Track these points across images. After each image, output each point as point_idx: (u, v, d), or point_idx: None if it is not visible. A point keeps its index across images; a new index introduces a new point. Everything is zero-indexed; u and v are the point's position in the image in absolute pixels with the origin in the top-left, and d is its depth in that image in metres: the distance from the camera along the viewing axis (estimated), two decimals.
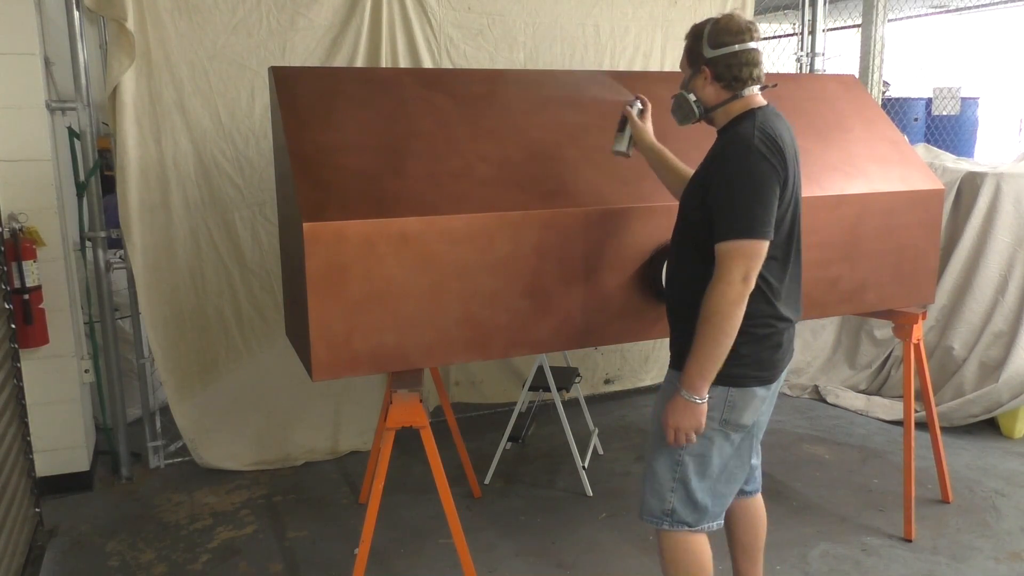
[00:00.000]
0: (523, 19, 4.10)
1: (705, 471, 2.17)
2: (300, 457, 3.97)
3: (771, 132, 2.04)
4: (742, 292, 1.96)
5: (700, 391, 2.03)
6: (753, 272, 1.98)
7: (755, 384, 2.13)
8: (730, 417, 2.13)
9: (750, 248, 1.97)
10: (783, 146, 2.04)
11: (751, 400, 2.14)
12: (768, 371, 2.15)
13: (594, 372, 4.72)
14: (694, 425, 2.06)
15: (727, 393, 2.11)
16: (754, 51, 2.11)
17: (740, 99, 2.13)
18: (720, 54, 2.10)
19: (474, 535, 3.14)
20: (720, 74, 2.11)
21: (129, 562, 3.10)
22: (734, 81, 2.11)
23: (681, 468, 2.16)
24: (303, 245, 2.22)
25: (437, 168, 2.49)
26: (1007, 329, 4.30)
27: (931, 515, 3.39)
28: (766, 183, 1.98)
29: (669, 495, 2.19)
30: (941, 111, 5.88)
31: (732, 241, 1.97)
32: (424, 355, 2.43)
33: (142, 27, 3.40)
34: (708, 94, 2.16)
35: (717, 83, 2.13)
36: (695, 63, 2.17)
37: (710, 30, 2.12)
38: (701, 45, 2.13)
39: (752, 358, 2.10)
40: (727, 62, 2.10)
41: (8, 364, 3.00)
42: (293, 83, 2.57)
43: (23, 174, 3.38)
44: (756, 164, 1.98)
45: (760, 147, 1.99)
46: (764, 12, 5.58)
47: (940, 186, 3.17)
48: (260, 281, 3.79)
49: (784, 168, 2.02)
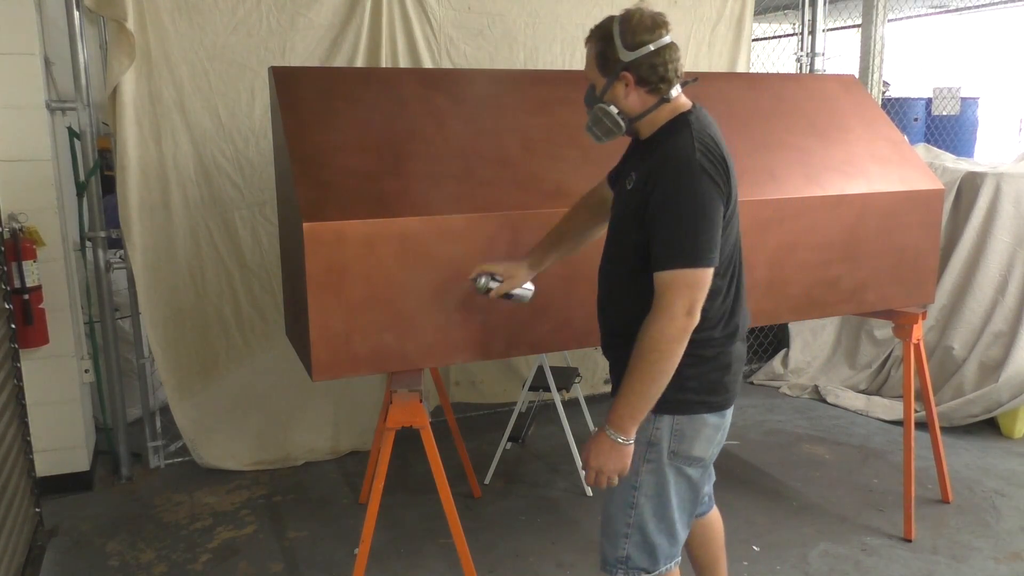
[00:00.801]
0: (523, 19, 4.10)
1: (663, 513, 1.97)
2: (300, 457, 3.96)
3: (711, 142, 1.84)
4: (685, 327, 1.76)
5: (628, 432, 1.83)
6: (698, 304, 1.77)
7: (704, 411, 1.92)
8: (679, 448, 1.93)
9: (694, 278, 1.77)
10: (725, 156, 1.86)
11: (701, 429, 1.93)
12: (719, 396, 1.94)
13: (594, 372, 4.72)
14: (619, 468, 1.85)
15: (672, 422, 1.91)
16: (673, 46, 1.88)
17: (667, 103, 1.90)
18: (641, 55, 1.85)
19: (474, 535, 3.14)
20: (644, 77, 1.86)
21: (129, 562, 3.10)
22: (661, 83, 1.87)
23: (637, 512, 1.96)
24: (303, 245, 2.22)
25: (437, 168, 2.49)
26: (1007, 329, 4.30)
27: (931, 515, 3.39)
28: (710, 204, 1.77)
29: (623, 541, 1.99)
30: (941, 111, 5.88)
31: (674, 271, 1.76)
32: (424, 355, 2.43)
33: (142, 27, 3.40)
34: (632, 102, 1.90)
35: (641, 88, 1.88)
36: (610, 69, 1.89)
37: (622, 30, 1.86)
38: (614, 48, 1.87)
39: (698, 381, 1.90)
40: (650, 62, 1.85)
41: (8, 364, 3.00)
42: (293, 83, 2.58)
43: (23, 174, 3.38)
44: (699, 183, 1.77)
45: (702, 162, 1.79)
46: (764, 12, 5.58)
47: (940, 186, 3.17)
48: (260, 281, 3.79)
49: (727, 183, 1.83)
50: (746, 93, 3.20)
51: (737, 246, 1.94)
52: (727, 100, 3.11)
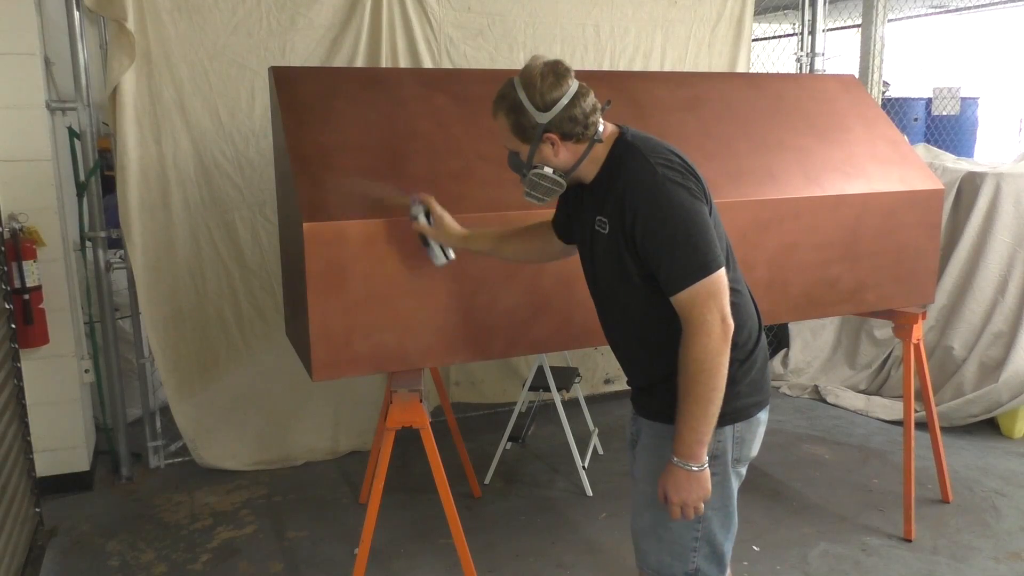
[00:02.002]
0: (523, 19, 4.10)
1: (728, 521, 1.95)
2: (300, 457, 3.96)
3: (663, 153, 1.81)
4: (724, 335, 1.73)
5: (699, 457, 1.77)
6: (727, 307, 1.74)
7: (758, 411, 1.94)
8: (740, 454, 1.93)
9: (713, 285, 1.73)
10: (681, 158, 1.83)
11: (756, 428, 1.96)
12: (764, 392, 1.97)
13: (594, 372, 4.72)
14: (702, 496, 1.80)
15: (733, 431, 1.90)
16: (583, 88, 1.83)
17: (599, 142, 1.86)
18: (557, 113, 1.80)
19: (474, 535, 3.14)
20: (568, 132, 1.82)
21: (129, 562, 3.10)
22: (586, 130, 1.83)
23: (705, 525, 1.91)
24: (303, 245, 2.22)
25: (437, 168, 2.49)
26: (1007, 329, 4.30)
27: (931, 515, 3.39)
28: (693, 210, 1.75)
29: (692, 555, 1.92)
30: (941, 111, 5.87)
31: (692, 287, 1.73)
32: (424, 355, 2.43)
33: (142, 27, 3.40)
34: (564, 158, 1.86)
35: (568, 142, 1.84)
36: (530, 136, 1.84)
37: (528, 95, 1.81)
38: (528, 115, 1.82)
39: (746, 385, 1.90)
40: (569, 116, 1.81)
41: (8, 364, 3.00)
42: (293, 83, 2.58)
43: (23, 174, 3.38)
44: (675, 196, 1.75)
45: (667, 175, 1.76)
46: (764, 12, 5.58)
47: (940, 186, 3.17)
48: (260, 281, 3.79)
49: (700, 184, 1.81)
50: (746, 93, 3.20)
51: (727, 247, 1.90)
52: (727, 100, 3.11)
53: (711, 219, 1.81)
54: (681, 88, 3.08)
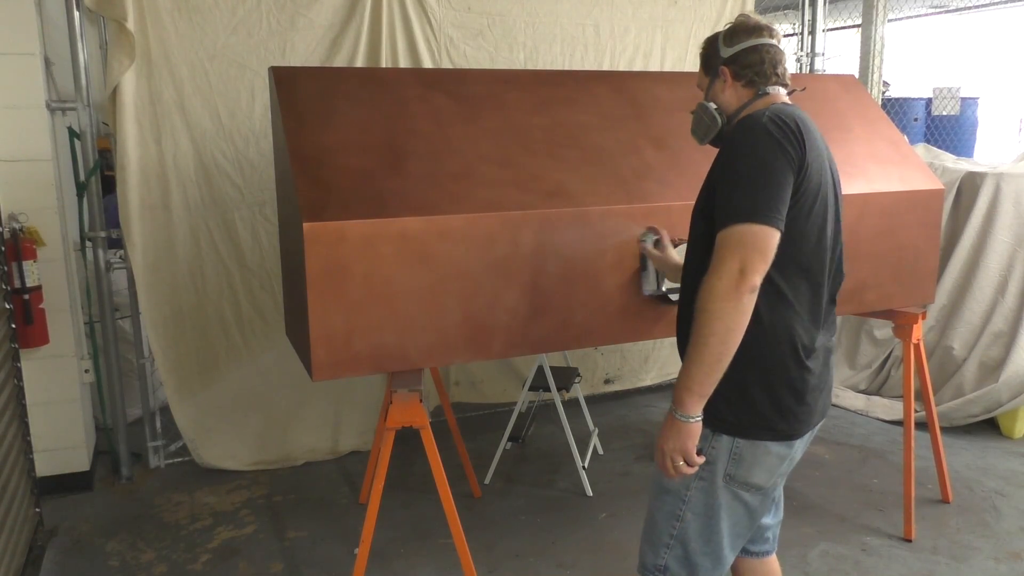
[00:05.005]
0: (523, 19, 4.10)
1: (710, 535, 1.84)
2: (300, 457, 3.96)
3: (788, 116, 1.75)
4: (736, 285, 1.59)
5: (687, 407, 1.68)
6: (753, 264, 1.60)
7: (768, 437, 1.77)
8: (736, 473, 1.79)
9: (750, 235, 1.61)
10: (804, 131, 1.74)
11: (763, 457, 1.78)
12: (787, 422, 1.76)
13: (594, 372, 4.72)
14: (680, 448, 1.70)
15: (732, 444, 1.78)
16: (774, 47, 1.89)
17: (764, 97, 1.87)
18: (738, 50, 1.88)
19: (474, 535, 3.14)
20: (739, 72, 1.89)
21: (129, 562, 3.10)
22: (756, 77, 1.87)
23: (682, 526, 1.85)
24: (303, 245, 2.22)
25: (437, 168, 2.49)
26: (1007, 329, 4.30)
27: (931, 515, 3.39)
28: (774, 165, 1.67)
29: (664, 551, 1.88)
30: (941, 111, 5.88)
31: (729, 228, 1.63)
32: (424, 355, 2.43)
33: (142, 27, 3.40)
34: (728, 98, 1.92)
35: (737, 83, 1.90)
36: (712, 68, 1.95)
37: (725, 32, 1.93)
38: (717, 47, 1.93)
39: (765, 405, 1.75)
40: (746, 58, 1.88)
41: (8, 364, 3.00)
42: (293, 83, 2.58)
43: (23, 174, 3.38)
44: (762, 143, 1.69)
45: (769, 126, 1.70)
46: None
47: (940, 186, 3.17)
48: (260, 281, 3.79)
49: (800, 154, 1.70)
50: None
51: (815, 249, 1.77)
52: None
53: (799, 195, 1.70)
54: (681, 88, 3.08)
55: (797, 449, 1.84)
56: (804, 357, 1.77)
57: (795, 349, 1.76)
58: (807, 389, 1.78)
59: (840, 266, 1.89)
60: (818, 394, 1.83)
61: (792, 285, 1.74)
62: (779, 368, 1.75)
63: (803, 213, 1.72)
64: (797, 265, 1.74)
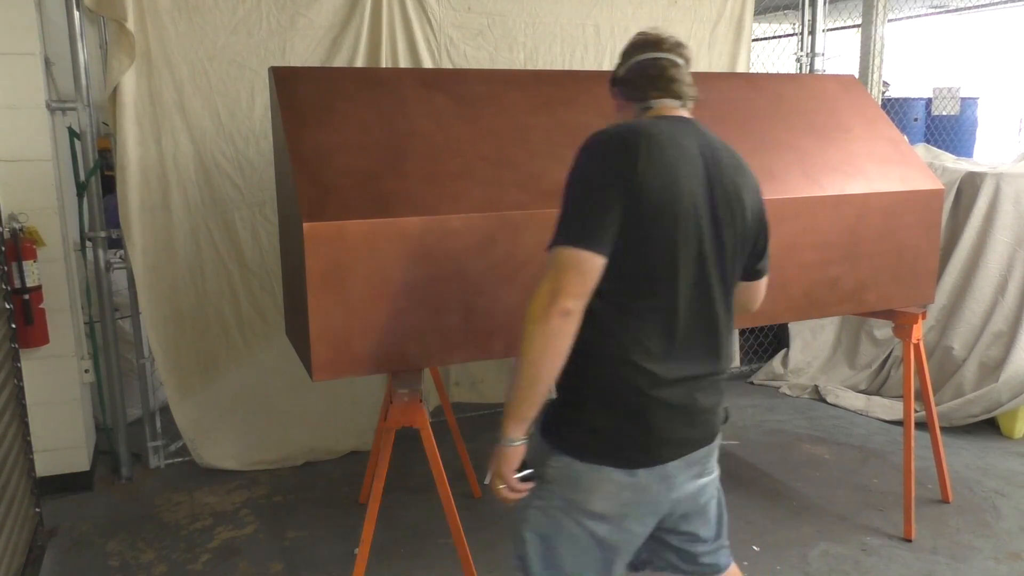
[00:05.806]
0: (523, 19, 4.10)
1: (551, 559, 1.74)
2: (300, 457, 3.96)
3: (634, 131, 1.63)
4: (545, 308, 1.51)
5: (507, 430, 1.63)
6: (566, 288, 1.52)
7: (609, 464, 1.64)
8: (575, 498, 1.67)
9: (564, 258, 1.54)
10: (649, 149, 1.59)
11: (603, 484, 1.65)
12: (633, 451, 1.64)
13: None
14: (495, 470, 1.67)
15: (569, 465, 1.67)
16: (664, 59, 1.78)
17: (647, 111, 1.78)
18: (626, 68, 1.83)
19: (474, 535, 3.13)
20: (627, 92, 1.83)
21: (129, 562, 3.10)
22: (637, 92, 1.81)
23: (521, 546, 1.80)
24: (303, 245, 2.22)
25: (437, 168, 2.49)
26: (1007, 329, 4.30)
27: (931, 515, 3.39)
28: (599, 184, 1.58)
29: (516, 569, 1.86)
30: (941, 111, 5.88)
31: (551, 250, 1.57)
32: (424, 355, 2.43)
33: (142, 27, 3.40)
34: (624, 118, 1.84)
35: (628, 102, 1.84)
36: (612, 93, 1.91)
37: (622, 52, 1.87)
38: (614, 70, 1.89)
39: (607, 432, 1.64)
40: (630, 76, 1.82)
41: (8, 364, 3.00)
42: (293, 83, 2.58)
43: (23, 174, 3.38)
44: (594, 163, 1.61)
45: (605, 142, 1.62)
46: (764, 12, 5.59)
47: (940, 186, 3.17)
48: (260, 281, 3.79)
49: (630, 174, 1.56)
50: (746, 93, 3.20)
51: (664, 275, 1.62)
52: (727, 100, 3.11)
53: (641, 228, 1.58)
54: None
55: (650, 481, 1.67)
56: (647, 387, 1.62)
57: (635, 377, 1.62)
58: (655, 419, 1.64)
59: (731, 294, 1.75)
60: (677, 426, 1.67)
61: (629, 311, 1.61)
62: (618, 395, 1.64)
63: (640, 236, 1.58)
64: (637, 291, 1.61)
